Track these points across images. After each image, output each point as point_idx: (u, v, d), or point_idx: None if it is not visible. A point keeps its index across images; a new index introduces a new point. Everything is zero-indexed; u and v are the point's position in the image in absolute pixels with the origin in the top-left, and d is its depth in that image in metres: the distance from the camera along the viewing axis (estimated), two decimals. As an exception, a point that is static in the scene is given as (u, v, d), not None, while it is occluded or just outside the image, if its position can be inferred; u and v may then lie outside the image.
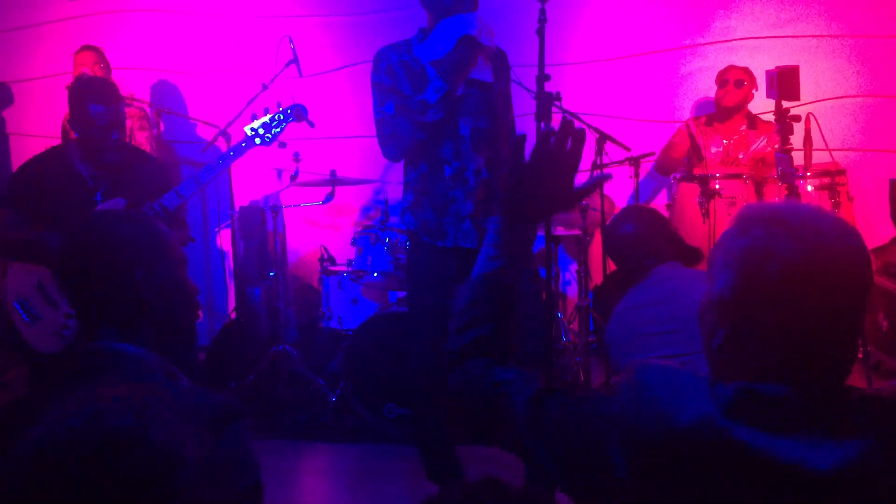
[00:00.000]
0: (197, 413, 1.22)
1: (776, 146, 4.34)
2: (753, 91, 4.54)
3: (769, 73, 3.33)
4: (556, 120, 3.01)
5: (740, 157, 4.50)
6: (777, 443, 1.09)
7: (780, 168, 3.28)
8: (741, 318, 1.15)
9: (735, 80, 4.50)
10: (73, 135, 4.08)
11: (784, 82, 3.23)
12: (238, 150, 3.49)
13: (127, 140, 4.30)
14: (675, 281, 2.58)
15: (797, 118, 3.37)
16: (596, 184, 1.46)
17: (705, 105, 4.93)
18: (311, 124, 3.77)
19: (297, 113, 3.62)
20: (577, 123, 1.41)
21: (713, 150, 4.56)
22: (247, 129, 3.57)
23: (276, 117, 3.57)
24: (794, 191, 3.29)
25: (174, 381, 1.50)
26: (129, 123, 4.58)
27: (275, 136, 3.56)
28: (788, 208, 1.16)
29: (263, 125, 3.56)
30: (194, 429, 1.01)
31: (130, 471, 0.89)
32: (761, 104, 4.58)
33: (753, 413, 1.11)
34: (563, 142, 1.36)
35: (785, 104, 3.24)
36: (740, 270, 1.14)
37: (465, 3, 2.93)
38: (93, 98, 3.12)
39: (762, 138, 4.49)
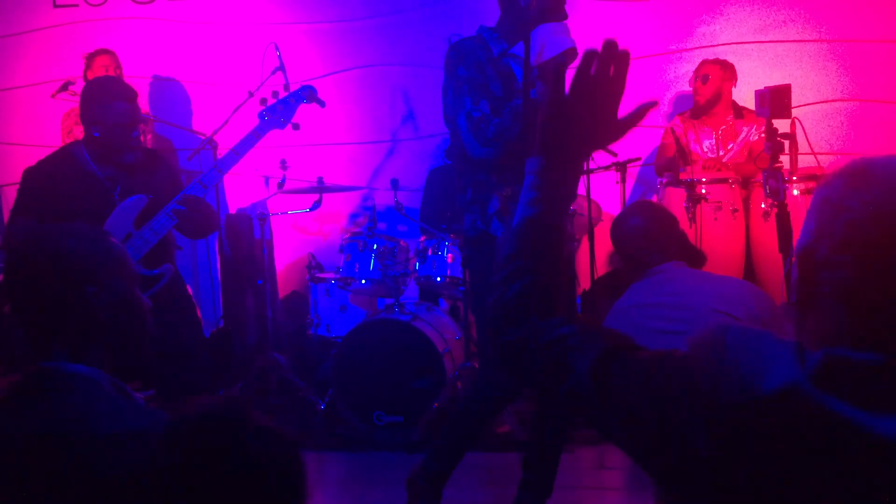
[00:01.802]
0: (150, 435, 1.17)
1: (762, 135, 4.39)
2: (733, 83, 4.58)
3: (759, 93, 3.35)
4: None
5: (730, 147, 4.54)
6: (870, 415, 0.99)
7: (768, 185, 3.30)
8: (818, 271, 1.06)
9: (701, 76, 4.57)
10: (78, 136, 4.05)
11: (776, 101, 3.24)
12: (252, 138, 3.37)
13: None
14: (682, 281, 2.54)
15: (788, 136, 3.39)
16: (642, 112, 1.31)
17: (684, 99, 4.94)
18: (322, 103, 3.64)
19: (308, 94, 3.54)
20: (620, 45, 1.26)
21: (706, 143, 4.58)
22: (260, 115, 3.46)
23: (289, 99, 3.49)
24: (783, 208, 3.30)
25: (127, 399, 1.44)
26: None
27: (287, 119, 3.46)
28: (880, 159, 1.07)
29: (274, 109, 3.46)
30: (146, 451, 1.00)
31: None
32: (745, 95, 4.62)
33: (844, 382, 1.00)
34: (606, 67, 1.25)
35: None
36: (816, 222, 1.07)
37: (560, 11, 2.89)
38: (119, 96, 3.08)
39: (753, 126, 4.53)
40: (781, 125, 3.44)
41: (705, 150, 4.60)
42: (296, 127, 3.51)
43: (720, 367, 1.05)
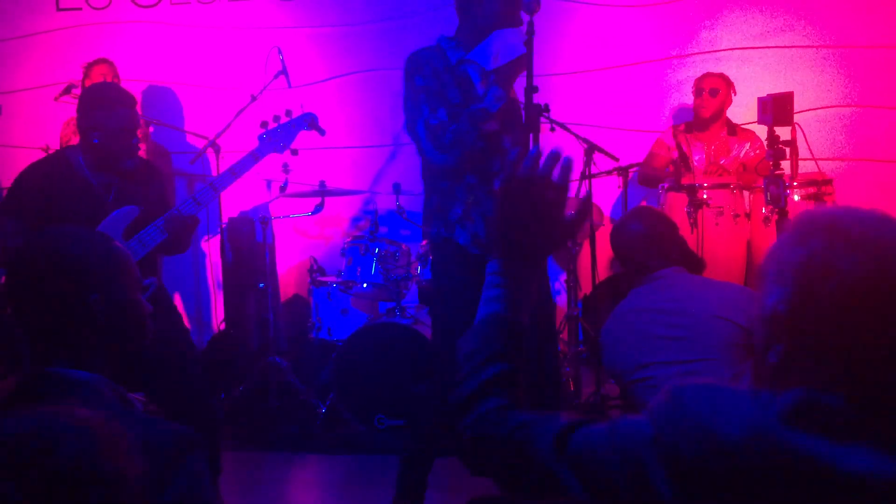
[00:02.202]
0: (151, 443, 1.19)
1: (758, 151, 4.40)
2: (732, 95, 4.57)
3: (762, 100, 3.36)
4: (544, 130, 3.02)
5: (722, 162, 4.54)
6: (841, 451, 1.00)
7: (769, 192, 3.31)
8: (798, 334, 1.06)
9: (710, 90, 4.53)
10: (72, 141, 4.04)
11: (778, 108, 3.26)
12: (250, 160, 3.35)
13: None
14: (682, 287, 2.55)
15: (788, 142, 3.40)
16: (585, 210, 1.39)
17: (683, 112, 4.96)
18: (322, 132, 3.65)
19: (309, 121, 3.53)
20: (563, 154, 1.30)
21: (696, 158, 4.59)
22: (260, 138, 3.46)
23: (290, 125, 3.48)
24: (784, 214, 3.31)
25: (128, 407, 1.44)
26: None
27: (287, 144, 3.46)
28: (850, 215, 1.06)
29: (275, 133, 3.45)
30: (147, 460, 0.99)
31: (72, 493, 0.88)
32: (740, 112, 4.63)
33: (815, 421, 1.01)
34: (547, 179, 1.28)
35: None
36: (797, 285, 1.05)
37: (516, 18, 2.92)
38: (119, 101, 3.05)
39: (746, 144, 4.52)
40: (783, 132, 3.45)
41: (695, 164, 4.60)
42: (294, 153, 3.51)
43: (678, 423, 1.07)
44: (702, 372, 2.23)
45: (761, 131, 4.23)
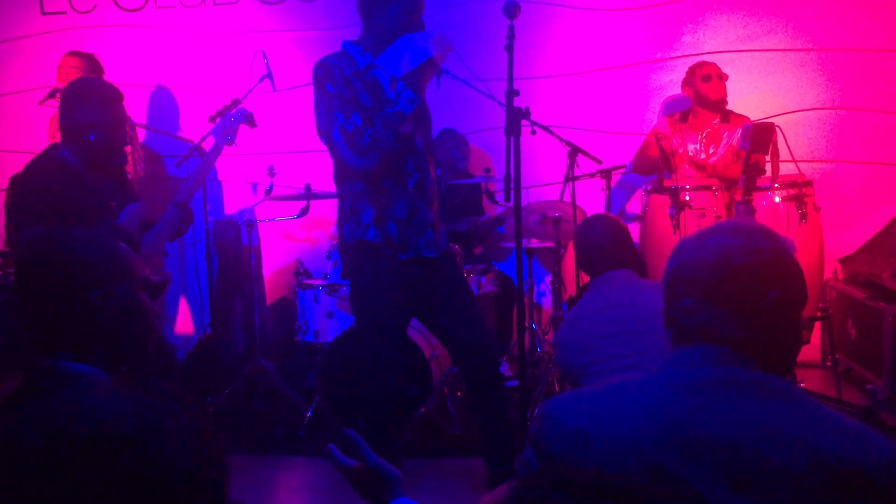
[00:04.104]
0: None
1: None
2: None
3: (745, 127, 3.49)
4: (525, 133, 3.05)
5: (712, 151, 4.59)
6: None
7: (738, 217, 3.40)
8: (683, 292, 1.36)
9: (717, 74, 4.60)
10: (57, 138, 4.02)
11: (758, 137, 3.35)
12: (214, 153, 3.45)
13: None
14: (626, 286, 2.73)
15: (762, 171, 3.50)
16: None
17: (675, 103, 4.99)
18: (253, 125, 3.67)
19: (245, 115, 3.60)
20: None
21: (690, 147, 4.63)
22: (213, 131, 3.54)
23: (229, 117, 3.55)
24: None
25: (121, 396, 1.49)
26: None
27: (233, 137, 3.53)
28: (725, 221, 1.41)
29: (223, 125, 3.52)
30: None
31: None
32: (739, 100, 4.72)
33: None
34: None
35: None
36: (677, 257, 1.38)
37: (419, 23, 2.98)
38: (115, 97, 3.04)
39: (737, 131, 4.57)
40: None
41: (691, 153, 4.65)
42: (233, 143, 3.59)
43: (548, 430, 1.34)
44: (645, 364, 2.38)
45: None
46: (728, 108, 4.67)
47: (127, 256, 1.58)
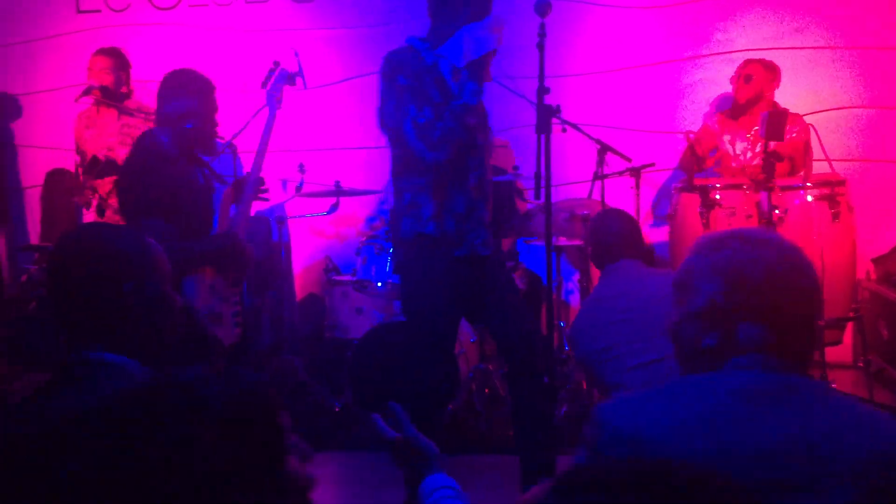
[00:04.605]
0: None
1: (793, 136, 4.41)
2: (776, 85, 4.60)
3: (762, 114, 3.45)
4: (555, 131, 3.05)
5: (758, 149, 4.56)
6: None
7: (759, 204, 3.40)
8: (735, 316, 1.34)
9: (744, 76, 4.57)
10: (87, 138, 4.09)
11: (772, 124, 3.33)
12: (273, 115, 3.61)
13: None
14: (637, 272, 2.86)
15: (780, 158, 3.48)
16: None
17: (727, 99, 4.96)
18: (300, 83, 3.82)
19: (287, 76, 3.74)
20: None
21: (738, 144, 4.61)
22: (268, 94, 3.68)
23: (279, 78, 3.72)
24: (771, 227, 3.38)
25: None
26: None
27: (280, 99, 3.69)
28: (740, 229, 1.45)
29: (274, 87, 3.67)
30: None
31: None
32: (785, 103, 4.62)
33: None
34: None
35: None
36: (727, 277, 1.35)
37: (488, 12, 2.96)
38: (211, 87, 3.19)
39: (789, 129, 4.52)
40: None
41: (738, 152, 4.61)
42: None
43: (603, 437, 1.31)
44: (650, 348, 2.51)
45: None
46: (782, 107, 4.61)
47: (157, 252, 1.62)
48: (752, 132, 4.58)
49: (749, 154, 4.58)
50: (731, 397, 1.28)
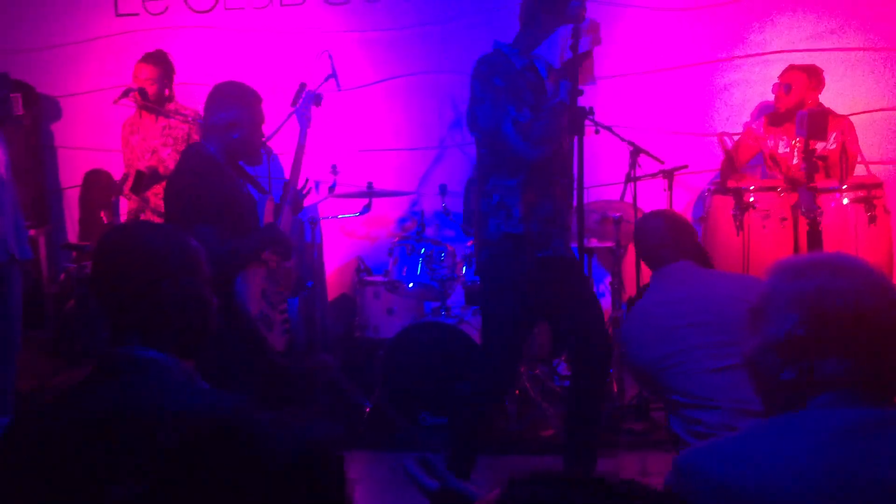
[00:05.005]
0: (215, 411, 1.33)
1: (834, 144, 4.38)
2: (819, 91, 4.54)
3: (800, 115, 3.42)
4: (588, 133, 3.06)
5: (798, 152, 4.52)
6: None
7: (803, 205, 3.36)
8: (817, 350, 1.28)
9: (784, 85, 4.52)
10: (135, 145, 4.16)
11: (814, 124, 3.31)
12: (304, 134, 3.66)
13: None
14: (695, 277, 2.72)
15: (824, 157, 3.44)
16: None
17: (769, 107, 4.91)
18: (318, 104, 3.87)
19: (314, 98, 3.80)
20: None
21: (781, 150, 4.57)
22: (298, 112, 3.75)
23: (307, 100, 3.79)
24: (815, 226, 3.34)
25: (192, 383, 1.57)
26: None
27: (310, 118, 3.74)
28: (818, 255, 1.37)
29: (303, 107, 3.75)
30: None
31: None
32: (833, 98, 4.60)
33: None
34: None
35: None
36: (809, 309, 1.29)
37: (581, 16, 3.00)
38: (258, 98, 3.23)
39: (832, 135, 4.46)
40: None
41: (780, 155, 4.58)
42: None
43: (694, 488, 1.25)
44: (730, 353, 2.34)
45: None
46: (827, 108, 4.56)
47: (197, 252, 1.65)
48: (797, 139, 4.54)
49: (795, 160, 4.54)
50: (824, 438, 1.21)
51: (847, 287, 1.28)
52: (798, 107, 4.52)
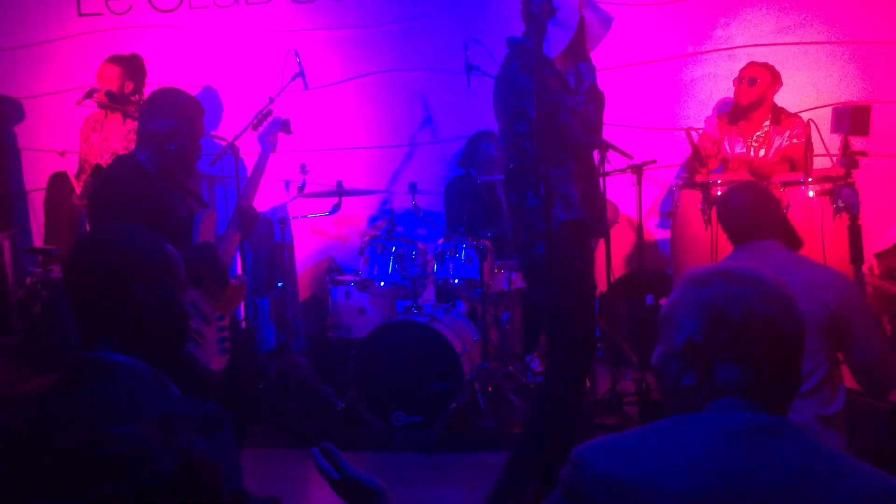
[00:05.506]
0: (183, 418, 1.34)
1: (796, 140, 4.45)
2: (776, 89, 4.61)
3: (837, 110, 3.42)
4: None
5: (762, 154, 4.57)
6: None
7: (842, 199, 3.37)
8: (713, 356, 1.32)
9: (748, 78, 4.57)
10: (94, 143, 4.01)
11: (856, 119, 3.31)
12: (264, 160, 3.50)
13: None
14: (774, 260, 2.57)
15: (864, 154, 3.44)
16: None
17: (728, 104, 4.96)
18: (288, 132, 3.76)
19: (281, 123, 3.69)
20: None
21: (737, 149, 4.62)
22: (260, 139, 3.61)
23: (272, 125, 3.67)
24: (855, 221, 3.35)
25: (165, 389, 1.55)
26: None
27: (275, 144, 3.62)
28: (727, 265, 1.39)
29: (267, 132, 3.61)
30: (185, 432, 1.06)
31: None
32: (787, 99, 4.67)
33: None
34: None
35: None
36: (709, 316, 1.33)
37: None
38: (199, 109, 3.04)
39: (786, 132, 4.54)
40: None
41: (736, 154, 4.62)
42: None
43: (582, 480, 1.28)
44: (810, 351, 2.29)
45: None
46: (780, 106, 4.63)
47: (173, 256, 1.64)
48: (754, 137, 4.59)
49: (745, 157, 4.59)
50: (713, 439, 1.24)
51: (739, 295, 1.31)
52: (759, 101, 4.57)
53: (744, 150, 4.60)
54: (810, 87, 4.94)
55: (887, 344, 2.56)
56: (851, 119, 3.35)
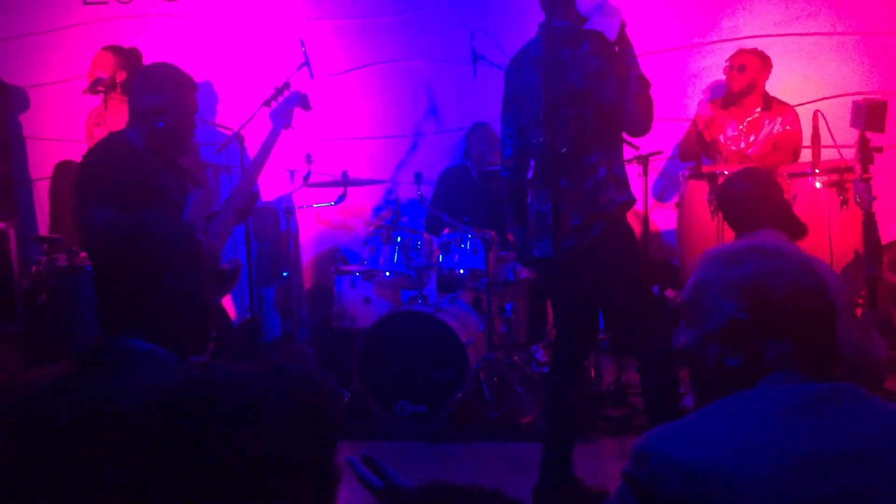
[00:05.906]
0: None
1: (788, 127, 4.47)
2: (767, 75, 4.63)
3: (856, 104, 3.41)
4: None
5: (752, 139, 4.58)
6: None
7: (858, 195, 3.38)
8: (760, 333, 1.30)
9: (738, 66, 4.61)
10: (98, 137, 3.98)
11: (872, 115, 3.31)
12: (273, 137, 3.34)
13: None
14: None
15: (879, 149, 3.45)
16: None
17: (720, 87, 4.96)
18: (308, 108, 3.58)
19: (300, 99, 3.51)
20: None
21: (730, 132, 4.63)
22: (272, 114, 3.45)
23: (288, 101, 3.49)
24: (870, 217, 3.35)
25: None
26: None
27: (289, 121, 3.44)
28: (757, 241, 1.38)
29: (281, 108, 3.43)
30: None
31: None
32: (778, 85, 4.66)
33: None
34: None
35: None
36: (751, 293, 1.31)
37: None
38: (191, 85, 2.91)
39: (777, 119, 4.55)
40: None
41: (729, 140, 4.62)
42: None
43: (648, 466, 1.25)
44: None
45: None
46: (772, 95, 4.64)
47: (202, 248, 1.65)
48: (745, 122, 4.61)
49: (742, 143, 4.60)
50: (777, 415, 1.22)
51: (782, 268, 1.31)
52: (750, 87, 4.58)
53: (735, 133, 4.62)
54: (817, 78, 4.92)
55: (863, 338, 2.59)
56: (867, 115, 3.35)
